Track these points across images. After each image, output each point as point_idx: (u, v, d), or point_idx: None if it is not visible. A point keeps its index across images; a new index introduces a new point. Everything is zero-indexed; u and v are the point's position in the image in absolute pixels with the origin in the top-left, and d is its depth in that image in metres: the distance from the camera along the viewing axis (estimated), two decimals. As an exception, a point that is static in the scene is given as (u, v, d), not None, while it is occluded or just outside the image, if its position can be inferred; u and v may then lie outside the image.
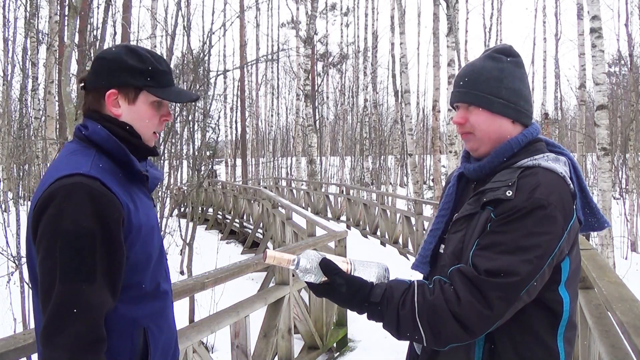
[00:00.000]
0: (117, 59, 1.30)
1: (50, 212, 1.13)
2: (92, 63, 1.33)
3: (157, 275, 1.32)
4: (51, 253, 1.11)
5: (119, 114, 1.31)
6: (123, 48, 1.33)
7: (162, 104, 1.36)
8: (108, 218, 1.15)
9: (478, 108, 1.30)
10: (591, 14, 8.31)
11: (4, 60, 16.90)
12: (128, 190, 1.25)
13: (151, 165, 1.44)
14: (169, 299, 1.39)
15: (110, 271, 1.15)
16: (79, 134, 1.29)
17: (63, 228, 1.11)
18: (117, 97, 1.30)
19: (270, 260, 1.23)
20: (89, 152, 1.25)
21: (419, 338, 1.19)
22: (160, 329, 1.31)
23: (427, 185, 26.55)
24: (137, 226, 1.23)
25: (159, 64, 1.33)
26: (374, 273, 1.25)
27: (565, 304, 1.22)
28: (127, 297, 1.23)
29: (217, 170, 28.03)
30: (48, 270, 1.11)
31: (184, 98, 1.39)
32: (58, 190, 1.14)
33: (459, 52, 11.73)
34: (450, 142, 11.84)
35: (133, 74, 1.29)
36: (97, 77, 1.31)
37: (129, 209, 1.21)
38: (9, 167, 15.86)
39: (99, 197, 1.15)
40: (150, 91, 1.31)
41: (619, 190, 20.20)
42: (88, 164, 1.20)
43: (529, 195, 1.17)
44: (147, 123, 1.34)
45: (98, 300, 1.12)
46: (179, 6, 10.23)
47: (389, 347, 4.81)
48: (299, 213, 7.42)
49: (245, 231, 13.98)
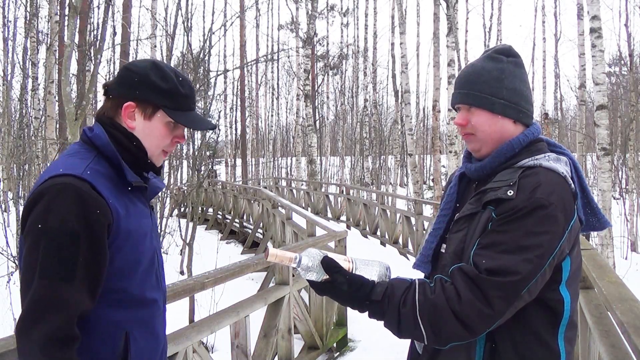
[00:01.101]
0: (141, 73, 1.31)
1: (39, 209, 1.16)
2: (119, 72, 1.35)
3: (145, 283, 1.33)
4: (34, 248, 1.14)
5: (133, 127, 1.32)
6: (151, 63, 1.34)
7: (178, 126, 1.37)
8: (93, 220, 1.17)
9: (479, 109, 1.31)
10: (591, 14, 8.31)
11: (4, 60, 16.89)
12: (122, 195, 1.27)
13: (154, 175, 1.45)
14: (157, 308, 1.38)
15: (89, 272, 1.17)
16: (84, 136, 1.32)
17: (48, 225, 1.14)
18: (134, 110, 1.32)
19: (272, 258, 1.23)
20: (89, 155, 1.28)
21: (419, 336, 1.19)
22: (144, 336, 1.32)
23: (427, 185, 26.56)
24: (125, 231, 1.24)
25: (181, 87, 1.33)
26: (376, 272, 1.25)
27: (566, 303, 1.22)
28: (110, 300, 1.24)
29: (217, 170, 28.04)
30: (29, 265, 1.15)
31: (200, 126, 1.39)
32: (49, 189, 1.17)
33: (459, 52, 11.74)
34: (450, 142, 11.85)
35: (155, 92, 1.31)
36: (120, 86, 1.32)
37: (118, 214, 1.23)
38: (9, 167, 15.84)
39: (86, 200, 1.17)
40: (167, 112, 1.32)
41: (619, 190, 20.21)
42: (82, 167, 1.22)
43: (530, 195, 1.17)
44: (158, 141, 1.35)
45: (73, 299, 1.14)
46: (179, 6, 10.23)
47: (389, 347, 4.81)
48: (299, 213, 7.42)
49: (245, 231, 13.98)
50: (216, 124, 1.76)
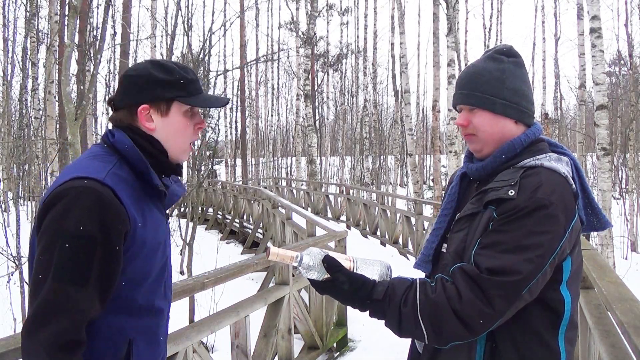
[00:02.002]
0: (145, 75, 1.31)
1: (57, 210, 1.14)
2: (120, 81, 1.34)
3: (153, 293, 1.32)
4: (49, 249, 1.13)
5: (153, 128, 1.31)
6: (149, 63, 1.34)
7: (195, 113, 1.37)
8: (111, 227, 1.16)
9: (481, 109, 1.31)
10: (591, 14, 8.31)
11: (4, 60, 16.90)
12: (141, 203, 1.26)
13: (176, 180, 1.44)
14: (163, 317, 1.37)
15: (103, 279, 1.16)
16: (106, 140, 1.30)
17: (65, 227, 1.12)
18: (149, 111, 1.31)
19: (273, 257, 1.23)
20: (111, 159, 1.26)
21: (420, 336, 1.19)
22: (147, 345, 1.31)
23: (427, 185, 26.55)
24: (141, 241, 1.23)
25: (186, 74, 1.34)
26: (377, 271, 1.25)
27: (567, 303, 1.23)
28: (116, 307, 1.23)
29: (217, 170, 28.03)
30: (43, 266, 1.13)
31: (215, 103, 1.39)
32: (69, 190, 1.15)
33: (459, 52, 11.75)
34: (450, 142, 11.84)
35: (164, 87, 1.30)
36: (128, 94, 1.31)
37: (135, 222, 1.22)
38: (9, 167, 15.85)
39: (107, 205, 1.16)
40: (182, 100, 1.32)
41: (619, 190, 20.22)
42: (105, 171, 1.21)
43: (531, 195, 1.17)
44: (183, 134, 1.35)
45: (85, 305, 1.13)
46: (178, 6, 10.24)
47: (389, 347, 4.81)
48: (299, 213, 7.42)
49: (245, 231, 13.98)
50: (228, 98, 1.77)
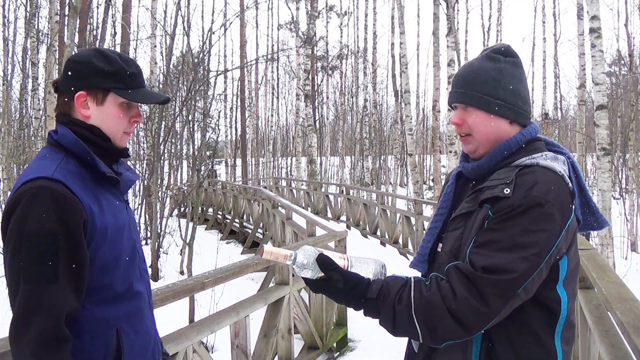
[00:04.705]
0: (85, 62, 1.33)
1: (17, 215, 1.18)
2: (64, 66, 1.37)
3: (129, 276, 1.35)
4: (16, 253, 1.17)
5: (88, 115, 1.34)
6: (93, 51, 1.37)
7: (132, 106, 1.39)
8: (70, 220, 1.19)
9: (475, 109, 1.30)
10: (591, 14, 8.30)
11: (4, 60, 16.88)
12: (94, 192, 1.29)
13: (127, 168, 1.47)
14: (143, 299, 1.40)
15: (72, 272, 1.19)
16: (50, 139, 1.34)
17: (27, 229, 1.16)
18: (85, 98, 1.33)
19: (267, 256, 1.23)
20: (58, 156, 1.30)
21: (415, 334, 1.19)
22: (134, 330, 1.34)
23: (427, 185, 26.54)
24: (101, 228, 1.26)
25: (127, 66, 1.36)
26: (371, 269, 1.25)
27: (563, 302, 1.22)
28: (98, 299, 1.26)
29: (217, 170, 28.04)
30: (14, 271, 1.17)
31: (151, 100, 1.41)
32: (24, 194, 1.19)
33: (458, 52, 11.73)
34: (450, 142, 11.83)
35: (101, 76, 1.32)
36: (68, 79, 1.34)
37: (92, 211, 1.24)
38: (9, 167, 15.84)
39: (61, 199, 1.19)
40: (118, 92, 1.34)
41: (619, 190, 20.20)
42: (53, 168, 1.24)
43: (526, 193, 1.17)
44: (116, 124, 1.37)
45: (59, 300, 1.16)
46: (178, 6, 10.24)
47: (389, 347, 4.80)
48: (299, 213, 7.42)
49: (245, 231, 13.97)
50: (168, 96, 1.72)
